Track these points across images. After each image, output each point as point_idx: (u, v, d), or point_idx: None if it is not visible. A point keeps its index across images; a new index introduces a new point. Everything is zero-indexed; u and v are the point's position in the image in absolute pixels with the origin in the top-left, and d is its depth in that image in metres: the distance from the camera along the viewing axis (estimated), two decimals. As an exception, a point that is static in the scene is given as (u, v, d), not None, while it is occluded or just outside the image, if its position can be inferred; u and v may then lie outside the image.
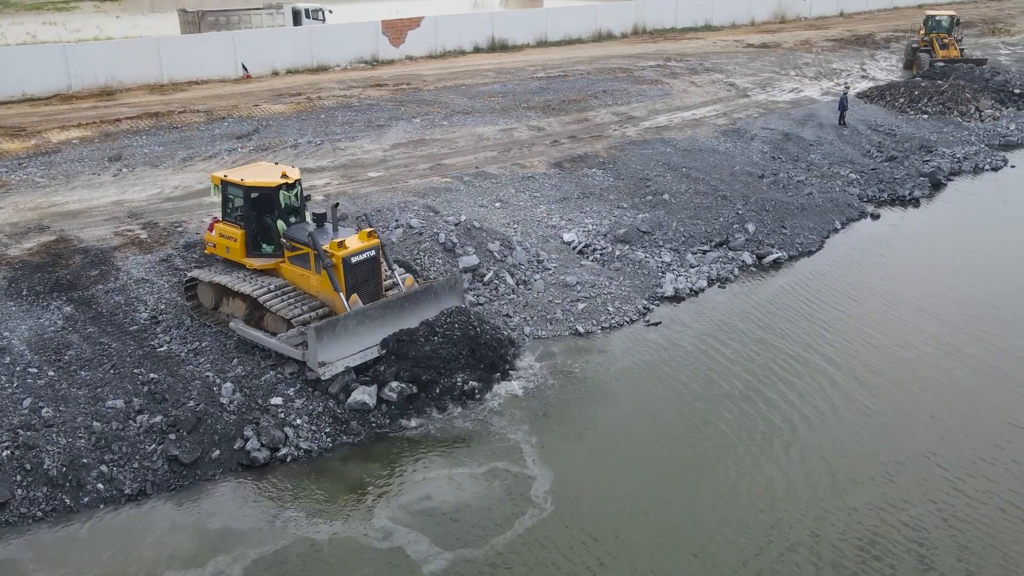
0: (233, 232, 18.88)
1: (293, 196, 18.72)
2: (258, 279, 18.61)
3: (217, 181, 19.10)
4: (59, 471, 14.80)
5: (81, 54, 37.97)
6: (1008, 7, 73.72)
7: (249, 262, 18.82)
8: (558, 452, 16.18)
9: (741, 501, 14.93)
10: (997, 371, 19.08)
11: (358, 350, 17.17)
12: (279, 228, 18.56)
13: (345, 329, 16.99)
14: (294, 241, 18.32)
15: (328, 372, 16.74)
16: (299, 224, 18.76)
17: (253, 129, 32.46)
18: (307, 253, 18.08)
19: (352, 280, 17.83)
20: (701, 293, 22.80)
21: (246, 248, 18.82)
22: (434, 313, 18.36)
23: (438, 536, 14.03)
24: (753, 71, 46.32)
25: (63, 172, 27.49)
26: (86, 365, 17.37)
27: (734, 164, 30.79)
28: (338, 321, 16.95)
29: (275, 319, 18.01)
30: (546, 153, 31.09)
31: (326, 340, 16.65)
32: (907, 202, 30.14)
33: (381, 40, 46.90)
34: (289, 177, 18.58)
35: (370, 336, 17.44)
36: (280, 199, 18.50)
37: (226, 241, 19.03)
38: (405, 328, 17.79)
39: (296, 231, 18.43)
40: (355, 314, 17.22)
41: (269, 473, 15.57)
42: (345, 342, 17.01)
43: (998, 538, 14.13)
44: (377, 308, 17.59)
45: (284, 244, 18.51)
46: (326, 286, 17.84)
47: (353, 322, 17.13)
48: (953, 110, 39.04)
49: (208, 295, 19.29)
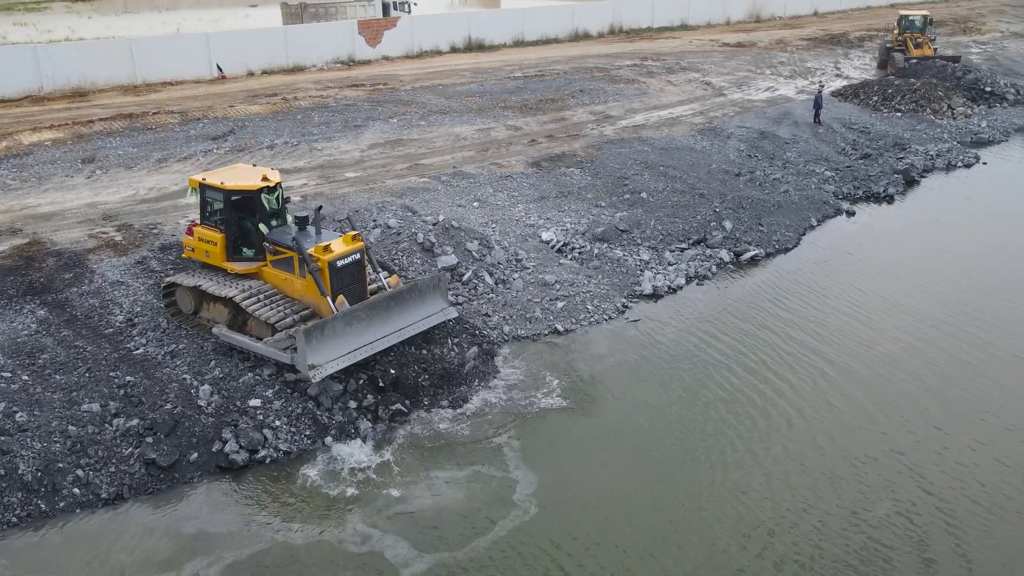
0: (213, 236, 18.63)
1: (274, 199, 18.51)
2: (240, 283, 18.39)
3: (195, 184, 18.80)
4: (34, 476, 14.61)
5: (53, 55, 37.49)
6: (978, 6, 74.65)
7: (230, 266, 18.59)
8: (539, 454, 16.12)
9: (726, 501, 14.98)
10: (971, 368, 19.37)
11: (347, 352, 17.01)
12: (262, 232, 18.37)
13: (334, 331, 16.82)
14: (277, 245, 18.13)
15: (318, 375, 16.53)
16: (281, 227, 18.57)
17: (229, 130, 32.22)
18: (290, 257, 17.90)
19: (338, 284, 17.67)
20: (679, 291, 22.90)
21: (227, 252, 18.60)
22: (420, 313, 18.30)
23: (418, 540, 13.94)
24: (729, 70, 46.60)
25: (35, 174, 27.15)
26: (61, 369, 17.16)
27: (711, 162, 30.96)
28: (326, 323, 16.77)
29: (259, 324, 17.82)
30: (524, 152, 31.11)
31: (315, 343, 16.46)
32: (882, 199, 30.44)
33: (357, 40, 46.71)
34: (270, 180, 18.36)
35: (358, 337, 17.28)
36: (262, 202, 18.29)
37: (206, 245, 18.77)
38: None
39: (279, 235, 18.23)
40: (343, 316, 17.05)
41: (248, 475, 15.46)
42: (334, 344, 16.84)
43: (998, 537, 14.31)
44: (364, 309, 17.45)
45: (267, 248, 18.32)
46: (311, 290, 17.68)
47: (341, 324, 16.97)
48: (926, 108, 39.49)
49: (187, 300, 19.05)
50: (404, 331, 17.99)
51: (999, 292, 22.95)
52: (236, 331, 18.11)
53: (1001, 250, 25.96)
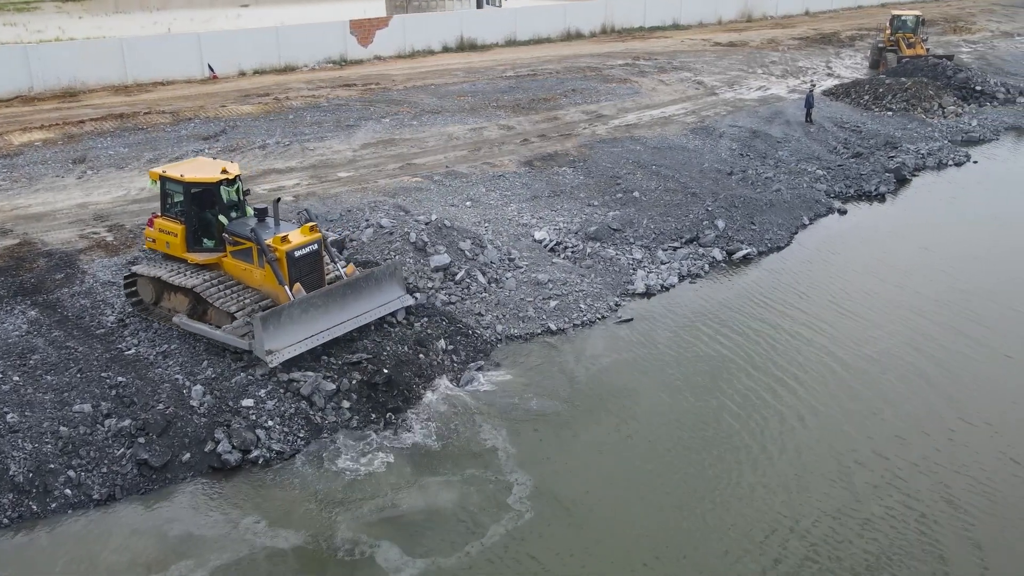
0: (173, 227, 18.92)
1: (233, 191, 18.95)
2: (200, 274, 18.72)
3: (155, 177, 19.13)
4: (25, 477, 14.54)
5: (43, 55, 37.31)
6: (968, 6, 74.92)
7: (191, 257, 18.90)
8: (533, 455, 16.05)
9: (725, 502, 14.96)
10: (959, 367, 19.43)
11: (304, 337, 17.49)
12: (221, 223, 18.68)
13: (291, 318, 17.31)
14: (236, 236, 18.49)
15: (275, 360, 17.00)
16: (241, 219, 18.93)
17: (220, 130, 32.14)
18: (250, 247, 18.29)
19: (296, 273, 18.14)
20: (672, 289, 22.93)
21: (187, 243, 18.91)
22: (377, 300, 18.81)
23: (409, 544, 13.83)
24: (721, 69, 46.67)
25: (26, 175, 27.03)
26: (52, 369, 17.09)
27: (703, 161, 31.00)
28: (283, 310, 17.25)
29: (219, 313, 18.14)
30: (516, 152, 31.10)
31: (272, 329, 16.95)
32: (873, 197, 30.53)
33: (349, 40, 46.61)
34: (229, 172, 18.77)
35: (315, 324, 17.76)
36: (221, 194, 18.68)
37: (167, 236, 19.07)
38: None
39: (238, 226, 18.61)
40: (300, 302, 17.53)
41: (240, 475, 15.41)
42: (291, 330, 17.33)
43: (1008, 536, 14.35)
44: (320, 296, 17.94)
45: (226, 239, 18.65)
46: (269, 279, 18.09)
47: (298, 310, 17.45)
48: (917, 107, 39.61)
49: (148, 290, 19.29)
50: (361, 318, 18.52)
51: (995, 289, 23.04)
52: (196, 320, 18.42)
53: (989, 248, 26.05)
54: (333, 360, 17.90)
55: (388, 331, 19.05)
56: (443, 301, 20.81)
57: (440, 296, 20.97)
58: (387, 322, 19.34)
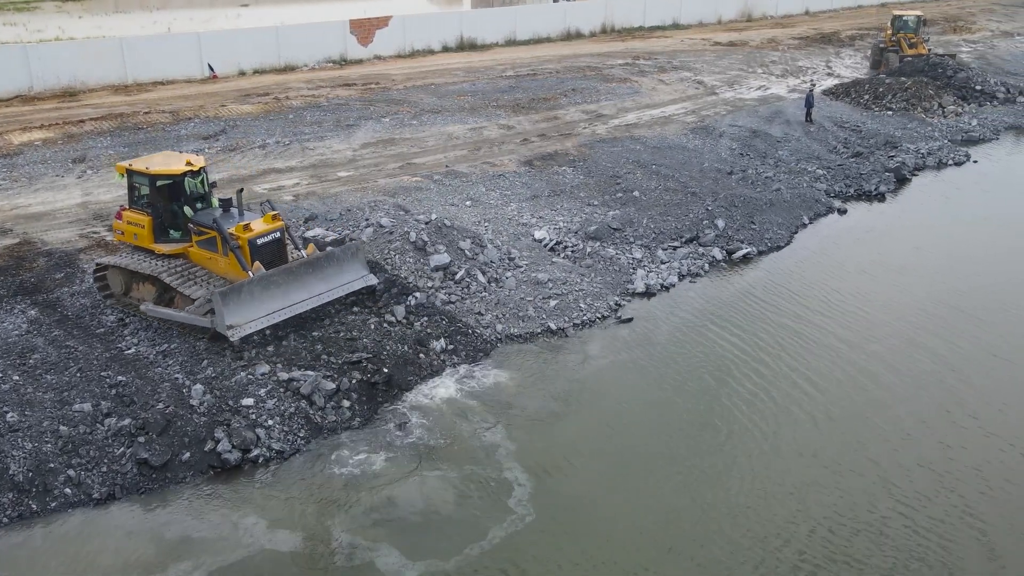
0: (141, 219, 19.24)
1: (198, 183, 19.35)
2: (166, 263, 19.08)
3: (122, 170, 19.47)
4: (25, 476, 14.54)
5: (43, 55, 37.34)
6: (968, 6, 74.91)
7: (158, 247, 19.24)
8: (534, 455, 16.00)
9: (725, 502, 14.93)
10: (956, 368, 19.44)
11: (265, 314, 17.92)
12: (186, 214, 19.04)
13: (251, 294, 17.74)
14: (201, 226, 18.89)
15: (236, 335, 17.44)
16: (206, 210, 19.36)
17: (220, 130, 32.15)
18: (214, 237, 18.66)
19: (259, 260, 18.53)
20: (672, 289, 22.92)
21: (154, 234, 19.24)
22: (339, 279, 19.22)
23: (409, 546, 13.72)
24: (721, 69, 46.68)
25: (26, 174, 27.04)
26: (52, 369, 17.10)
27: (703, 161, 31.00)
28: (243, 286, 17.70)
29: (184, 299, 18.49)
30: (516, 151, 31.10)
31: (232, 304, 17.40)
32: (873, 197, 30.53)
33: (349, 40, 46.62)
34: (194, 165, 19.15)
35: (276, 301, 18.19)
36: (186, 186, 19.05)
37: (134, 228, 19.36)
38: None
39: (203, 216, 19.04)
40: (259, 279, 17.98)
41: (240, 475, 15.40)
42: (251, 306, 17.79)
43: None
44: (280, 273, 18.39)
45: (192, 229, 18.99)
46: (233, 267, 18.51)
47: (258, 287, 17.90)
48: (917, 107, 39.62)
49: (117, 280, 19.61)
50: (323, 296, 18.96)
51: (992, 288, 23.05)
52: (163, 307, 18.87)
53: (984, 248, 26.06)
54: (333, 359, 17.92)
55: (388, 330, 19.07)
56: (443, 300, 20.81)
57: (440, 295, 20.97)
58: (387, 321, 19.37)
